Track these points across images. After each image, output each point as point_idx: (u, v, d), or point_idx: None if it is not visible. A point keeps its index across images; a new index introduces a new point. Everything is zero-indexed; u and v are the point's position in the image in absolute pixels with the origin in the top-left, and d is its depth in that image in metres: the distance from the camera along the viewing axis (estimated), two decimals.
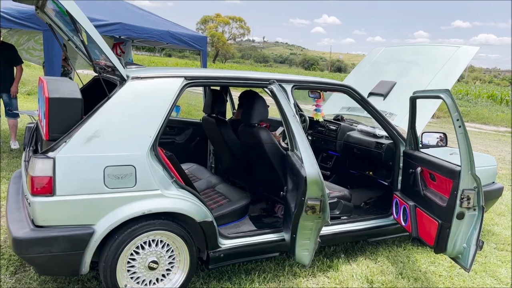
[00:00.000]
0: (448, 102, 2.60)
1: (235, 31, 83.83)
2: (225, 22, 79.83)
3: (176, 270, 2.78)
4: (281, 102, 2.60)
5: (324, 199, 2.45)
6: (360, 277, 3.17)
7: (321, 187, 2.44)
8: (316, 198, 2.44)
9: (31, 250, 2.38)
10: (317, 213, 2.47)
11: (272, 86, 2.77)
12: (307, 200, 2.43)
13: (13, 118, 6.28)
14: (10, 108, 6.14)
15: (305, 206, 2.43)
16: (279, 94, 2.65)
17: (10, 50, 6.14)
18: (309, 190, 2.41)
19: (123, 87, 2.63)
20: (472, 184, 2.62)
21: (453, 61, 3.98)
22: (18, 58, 6.25)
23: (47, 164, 2.38)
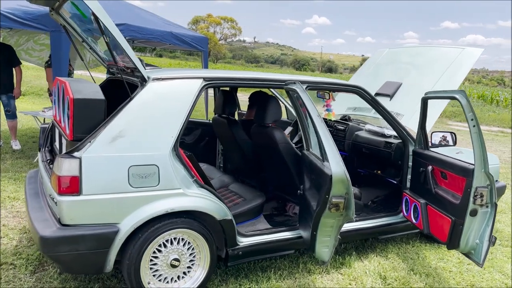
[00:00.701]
0: (463, 102, 2.68)
1: (227, 31, 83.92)
2: (217, 22, 79.84)
3: (197, 267, 2.83)
4: (306, 102, 2.66)
5: (348, 197, 2.52)
6: (373, 273, 3.24)
7: (346, 185, 2.51)
8: (341, 195, 2.51)
9: (58, 249, 2.42)
10: (341, 210, 2.54)
11: (295, 86, 2.83)
12: (331, 198, 2.49)
13: (11, 119, 6.27)
14: (8, 109, 6.11)
15: (329, 203, 2.50)
16: (303, 94, 2.71)
17: (9, 51, 6.11)
18: (334, 188, 2.48)
19: (145, 88, 2.68)
20: (485, 181, 2.71)
21: (457, 63, 4.08)
22: (17, 59, 6.24)
23: (73, 164, 2.42)
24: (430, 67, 4.28)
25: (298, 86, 2.78)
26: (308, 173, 2.91)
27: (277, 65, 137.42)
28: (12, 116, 6.23)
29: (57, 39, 4.91)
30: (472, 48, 4.15)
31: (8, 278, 2.91)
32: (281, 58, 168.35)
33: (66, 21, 3.46)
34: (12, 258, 3.15)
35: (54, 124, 3.46)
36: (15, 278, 2.92)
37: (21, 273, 2.99)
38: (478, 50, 4.10)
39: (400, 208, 3.60)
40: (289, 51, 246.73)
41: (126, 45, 2.55)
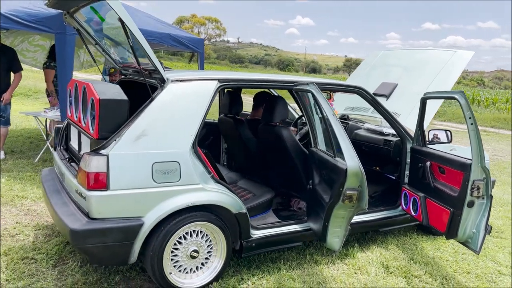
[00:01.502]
0: (462, 102, 2.91)
1: (211, 31, 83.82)
2: (201, 22, 79.70)
3: (214, 258, 3.00)
4: (321, 102, 2.85)
5: (361, 189, 2.72)
6: (376, 263, 3.45)
7: (360, 178, 2.70)
8: (354, 188, 2.71)
9: (87, 241, 2.56)
10: (354, 202, 2.73)
11: (309, 87, 3.00)
12: (345, 190, 2.69)
13: (4, 125, 5.90)
14: (3, 114, 5.78)
15: (343, 195, 2.69)
16: (319, 95, 2.90)
17: (9, 55, 5.78)
18: (348, 181, 2.68)
19: (165, 89, 2.83)
20: (481, 175, 2.94)
21: (450, 65, 4.32)
22: (18, 64, 5.90)
23: (101, 161, 2.56)
24: (424, 69, 4.51)
25: (313, 87, 2.97)
26: (318, 169, 3.10)
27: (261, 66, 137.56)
28: (6, 122, 5.88)
29: (62, 41, 5.00)
30: (463, 51, 4.40)
31: (31, 272, 3.03)
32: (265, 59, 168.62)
33: (80, 25, 3.59)
34: (32, 253, 3.27)
35: (69, 123, 3.58)
36: (38, 271, 3.04)
37: (42, 267, 3.11)
38: (469, 53, 4.35)
39: (399, 202, 3.82)
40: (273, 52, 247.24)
41: (149, 49, 2.70)
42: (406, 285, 3.16)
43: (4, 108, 5.78)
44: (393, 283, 3.17)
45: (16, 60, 5.89)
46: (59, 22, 4.94)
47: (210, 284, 2.95)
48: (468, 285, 3.22)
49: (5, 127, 5.88)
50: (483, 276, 3.37)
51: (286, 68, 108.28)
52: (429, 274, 3.33)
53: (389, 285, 3.14)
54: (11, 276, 2.96)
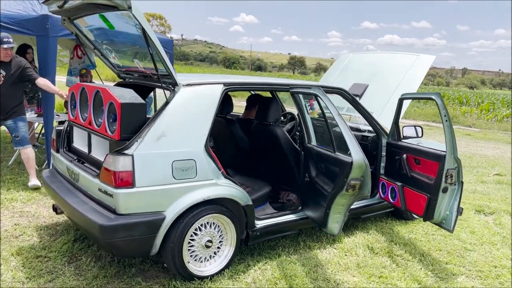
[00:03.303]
0: (438, 102, 3.37)
1: (156, 28, 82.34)
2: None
3: (225, 247, 3.27)
4: (327, 104, 3.19)
5: (363, 179, 3.10)
6: (362, 245, 3.87)
7: (364, 169, 3.08)
8: (357, 178, 3.08)
9: (115, 235, 2.76)
10: (356, 190, 3.11)
11: (315, 91, 3.33)
12: (350, 181, 3.05)
13: (23, 146, 4.87)
14: (17, 134, 4.84)
15: (347, 185, 3.06)
16: (324, 97, 3.24)
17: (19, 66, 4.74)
18: (353, 173, 3.04)
19: (179, 93, 3.06)
20: (454, 164, 3.41)
21: (414, 68, 4.83)
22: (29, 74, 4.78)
23: (127, 160, 2.77)
24: (391, 72, 5.00)
25: (319, 90, 3.31)
26: (316, 163, 3.46)
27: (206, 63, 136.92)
28: (21, 142, 4.86)
29: (44, 44, 5.01)
30: (425, 55, 4.93)
31: (49, 269, 3.16)
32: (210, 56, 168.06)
33: (78, 30, 3.71)
34: (44, 252, 3.38)
35: (71, 125, 3.70)
36: (55, 268, 3.17)
37: (58, 264, 3.24)
38: (430, 57, 4.89)
39: (376, 191, 4.26)
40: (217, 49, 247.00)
41: (165, 56, 2.93)
42: (392, 263, 3.59)
43: (14, 126, 4.82)
44: (381, 261, 3.60)
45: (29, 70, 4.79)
46: (40, 24, 4.96)
47: (223, 271, 3.22)
48: (442, 260, 3.71)
49: (24, 148, 4.87)
50: (453, 252, 3.88)
51: (232, 66, 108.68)
52: (408, 253, 3.79)
53: (377, 263, 3.56)
54: (30, 273, 3.08)
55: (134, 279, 3.10)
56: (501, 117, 19.63)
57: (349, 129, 3.17)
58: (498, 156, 9.58)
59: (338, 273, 3.38)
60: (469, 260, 3.75)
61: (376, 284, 3.23)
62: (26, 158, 4.89)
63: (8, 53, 4.60)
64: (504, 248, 4.06)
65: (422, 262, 3.65)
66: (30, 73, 4.79)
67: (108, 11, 3.00)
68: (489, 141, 12.56)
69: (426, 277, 3.38)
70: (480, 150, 10.31)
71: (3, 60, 4.64)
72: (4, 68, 4.69)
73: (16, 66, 4.73)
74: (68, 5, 3.08)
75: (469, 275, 3.49)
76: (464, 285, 3.30)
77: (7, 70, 4.70)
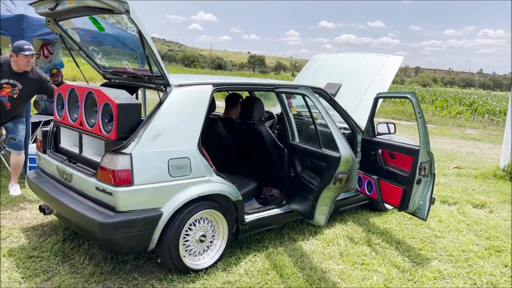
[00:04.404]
0: (413, 101, 3.64)
1: None
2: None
3: (217, 241, 3.41)
4: (315, 103, 3.37)
5: (350, 172, 3.31)
6: (342, 236, 4.10)
7: (351, 163, 3.28)
8: (345, 172, 3.29)
9: (115, 232, 2.84)
10: (343, 183, 3.32)
11: (305, 91, 3.51)
12: (337, 174, 3.26)
13: (16, 151, 4.65)
14: (14, 136, 4.65)
15: (334, 178, 3.26)
16: (313, 97, 3.43)
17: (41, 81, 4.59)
18: (341, 167, 3.25)
19: (172, 93, 3.16)
20: (427, 158, 3.70)
21: (385, 68, 5.13)
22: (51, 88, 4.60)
23: (126, 159, 2.86)
24: (362, 72, 5.28)
25: (308, 91, 3.50)
26: (301, 158, 3.65)
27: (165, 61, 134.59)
28: (16, 147, 4.64)
29: None
30: (394, 56, 5.24)
31: (43, 269, 3.19)
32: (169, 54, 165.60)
33: (63, 31, 3.73)
34: (36, 252, 3.40)
35: (58, 126, 3.71)
36: (50, 267, 3.21)
37: (52, 263, 3.27)
38: (399, 58, 5.21)
39: None
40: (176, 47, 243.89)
41: (159, 57, 3.03)
42: (371, 251, 3.85)
43: (13, 128, 4.66)
44: (361, 250, 3.84)
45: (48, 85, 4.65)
46: (15, 25, 4.88)
47: (216, 264, 3.36)
48: (416, 247, 4.00)
49: (17, 153, 4.66)
50: (425, 239, 4.19)
51: (191, 65, 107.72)
52: (385, 241, 4.06)
53: (358, 252, 3.80)
54: (26, 273, 3.10)
55: (130, 274, 3.19)
56: (455, 113, 20.68)
57: (337, 127, 3.38)
58: (455, 150, 10.17)
59: (323, 262, 3.60)
60: (440, 246, 4.07)
61: (360, 271, 3.46)
62: (16, 164, 4.69)
63: (30, 61, 4.35)
64: (469, 234, 4.42)
65: (398, 249, 3.92)
66: (51, 87, 4.59)
67: (103, 13, 3.07)
68: (445, 136, 13.27)
69: (403, 262, 3.66)
70: (438, 145, 10.89)
71: (24, 69, 4.39)
72: (21, 80, 4.43)
73: (36, 80, 4.52)
74: (60, 7, 3.11)
75: (441, 259, 3.79)
76: (437, 268, 3.59)
77: (24, 82, 4.45)
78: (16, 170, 4.72)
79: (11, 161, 4.74)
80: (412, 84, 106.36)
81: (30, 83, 4.50)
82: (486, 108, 22.78)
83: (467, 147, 11.02)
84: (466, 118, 20.06)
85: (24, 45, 4.33)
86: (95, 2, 2.82)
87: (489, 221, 4.85)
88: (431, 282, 3.36)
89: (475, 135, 14.33)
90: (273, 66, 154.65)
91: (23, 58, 4.32)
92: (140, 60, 5.12)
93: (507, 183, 6.68)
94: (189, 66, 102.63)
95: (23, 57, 4.31)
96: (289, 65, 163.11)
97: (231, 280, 3.19)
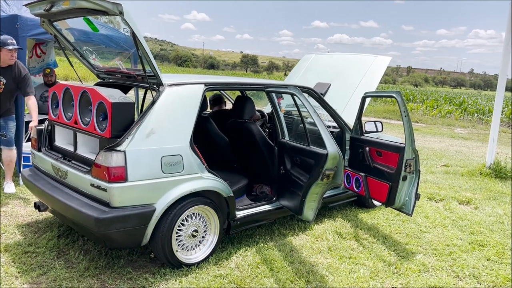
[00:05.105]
0: (399, 100, 3.76)
1: None
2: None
3: (209, 236, 3.51)
4: (304, 102, 3.48)
5: (337, 169, 3.41)
6: (331, 231, 4.22)
7: (338, 160, 3.39)
8: (332, 168, 3.40)
9: (111, 227, 2.93)
10: (330, 179, 3.43)
11: (293, 90, 3.62)
12: (325, 170, 3.37)
13: (7, 147, 4.72)
14: (4, 133, 4.70)
15: (322, 175, 3.37)
16: (301, 96, 3.54)
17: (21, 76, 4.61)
18: (328, 163, 3.36)
19: (164, 92, 3.25)
20: (412, 155, 3.82)
21: (373, 68, 5.26)
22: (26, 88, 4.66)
23: (120, 156, 2.95)
24: (351, 71, 5.41)
25: (297, 90, 3.60)
26: (291, 156, 3.76)
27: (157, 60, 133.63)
28: (7, 143, 4.71)
29: None
30: (382, 56, 5.37)
31: (39, 264, 3.27)
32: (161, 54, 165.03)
33: (58, 31, 3.80)
34: (31, 248, 3.48)
35: (53, 125, 3.79)
36: (45, 262, 3.29)
37: (47, 258, 3.35)
38: (386, 58, 5.34)
39: None
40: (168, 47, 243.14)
41: (152, 57, 3.12)
42: (359, 245, 3.97)
43: (4, 125, 4.70)
44: (349, 245, 3.96)
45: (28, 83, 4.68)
46: (9, 25, 4.93)
47: (208, 258, 3.46)
48: (402, 241, 4.13)
49: (9, 149, 4.72)
50: (411, 234, 4.32)
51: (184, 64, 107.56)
52: (373, 236, 4.19)
53: (346, 246, 3.92)
54: (22, 268, 3.18)
55: (124, 269, 3.28)
56: (444, 113, 20.92)
57: (325, 125, 3.49)
58: (444, 149, 10.34)
59: (312, 256, 3.71)
60: (425, 240, 4.20)
61: (347, 265, 3.58)
62: (8, 160, 4.74)
63: (13, 55, 4.42)
64: (454, 229, 4.55)
65: (385, 243, 4.05)
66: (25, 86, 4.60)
67: (97, 15, 3.15)
68: (434, 135, 13.45)
69: (389, 256, 3.78)
70: (428, 143, 11.06)
71: (9, 64, 4.45)
72: (4, 75, 4.48)
73: (17, 75, 4.55)
74: (56, 8, 3.19)
75: (426, 253, 3.92)
76: (422, 261, 3.72)
77: (7, 77, 4.50)
78: (9, 166, 4.78)
79: (3, 158, 4.79)
80: (404, 83, 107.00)
81: (12, 78, 4.55)
82: (475, 107, 23.06)
83: (455, 145, 11.20)
84: (456, 118, 20.29)
85: (7, 40, 4.39)
86: (89, 4, 2.90)
87: (474, 217, 4.99)
88: (416, 275, 3.49)
89: (464, 134, 14.54)
90: (266, 65, 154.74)
91: (7, 53, 4.39)
92: (133, 59, 5.21)
93: (492, 180, 6.85)
94: (182, 65, 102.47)
95: (6, 51, 4.38)
96: (281, 64, 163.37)
97: (223, 274, 3.29)
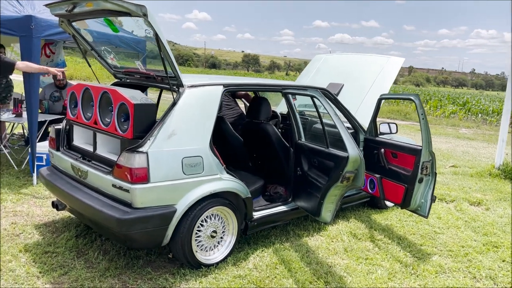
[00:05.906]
0: (417, 102, 3.76)
1: None
2: None
3: (227, 237, 3.53)
4: (324, 104, 3.49)
5: (358, 172, 3.42)
6: (346, 232, 4.23)
7: (358, 163, 3.39)
8: (352, 171, 3.41)
9: (132, 228, 2.95)
10: (350, 181, 3.44)
11: (314, 92, 3.62)
12: (345, 173, 3.38)
13: None
14: None
15: (342, 177, 3.38)
16: (322, 98, 3.54)
17: None
18: (348, 166, 3.36)
19: (184, 94, 3.27)
20: (428, 157, 3.83)
21: (386, 69, 5.26)
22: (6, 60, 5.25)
23: (142, 157, 2.96)
24: (364, 73, 5.41)
25: (317, 92, 3.61)
26: (309, 157, 3.77)
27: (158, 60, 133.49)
28: None
29: (27, 44, 4.99)
30: (395, 57, 5.37)
31: (60, 264, 3.29)
32: None
33: (76, 31, 3.82)
34: (51, 248, 3.50)
35: (71, 124, 3.80)
36: (66, 262, 3.31)
37: (67, 258, 3.37)
38: (400, 59, 5.34)
39: None
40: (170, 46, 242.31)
41: (173, 59, 3.13)
42: (374, 246, 3.98)
43: None
44: (364, 246, 3.98)
45: None
46: (23, 25, 4.94)
47: (226, 258, 3.48)
48: (417, 242, 4.14)
49: None
50: (425, 235, 4.33)
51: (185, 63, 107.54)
52: (387, 237, 4.20)
53: (362, 247, 3.94)
54: (43, 268, 3.20)
55: (144, 269, 3.30)
56: (449, 113, 20.93)
57: (345, 127, 3.50)
58: (451, 149, 10.36)
59: (328, 257, 3.72)
60: (440, 241, 4.21)
61: (365, 266, 3.60)
62: None
63: None
64: (467, 230, 4.57)
65: (400, 245, 4.06)
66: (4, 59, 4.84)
67: (120, 16, 3.16)
68: (440, 135, 13.45)
69: (405, 257, 3.80)
70: (434, 144, 11.06)
71: None
72: None
73: None
74: (78, 9, 3.21)
75: (442, 254, 3.93)
76: (438, 263, 3.73)
77: None
78: None
79: None
80: (405, 83, 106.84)
81: None
82: (479, 107, 23.06)
83: (462, 146, 11.21)
84: (460, 118, 20.30)
85: None
86: (113, 6, 2.92)
87: (486, 218, 5.00)
88: (433, 276, 3.50)
89: (469, 135, 14.55)
90: (267, 65, 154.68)
91: None
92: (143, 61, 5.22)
93: (502, 182, 6.86)
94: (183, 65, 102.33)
95: None
96: (283, 64, 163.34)
97: (242, 274, 3.31)
